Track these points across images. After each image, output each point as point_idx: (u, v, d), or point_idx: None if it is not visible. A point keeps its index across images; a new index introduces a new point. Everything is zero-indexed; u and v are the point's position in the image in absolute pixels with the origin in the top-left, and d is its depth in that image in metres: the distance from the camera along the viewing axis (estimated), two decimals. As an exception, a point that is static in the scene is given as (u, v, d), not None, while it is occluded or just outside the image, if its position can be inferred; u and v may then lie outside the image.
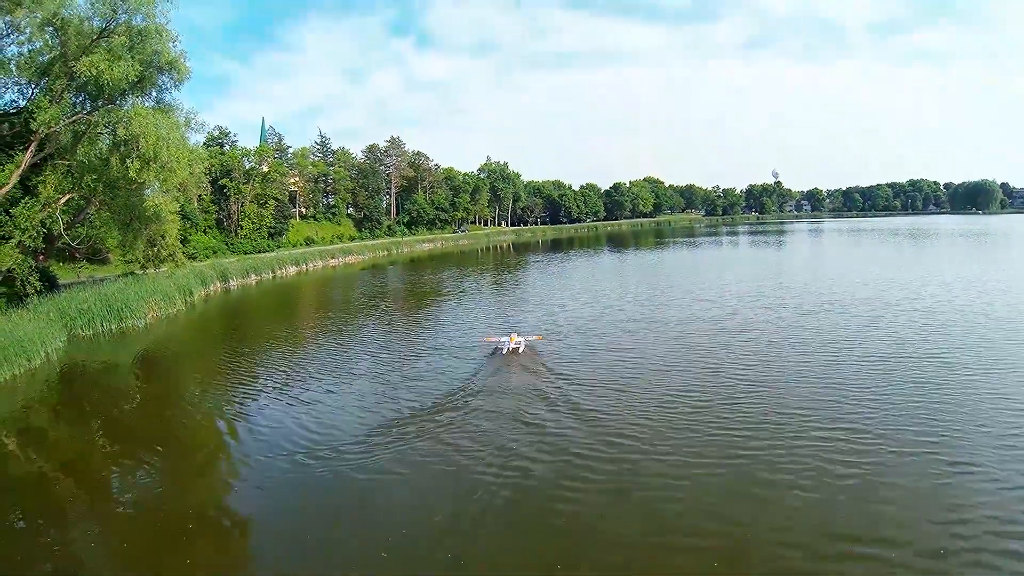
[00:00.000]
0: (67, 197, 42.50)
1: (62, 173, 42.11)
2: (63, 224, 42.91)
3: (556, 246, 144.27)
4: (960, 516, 16.25)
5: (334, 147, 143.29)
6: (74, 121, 40.84)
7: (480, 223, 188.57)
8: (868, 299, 47.39)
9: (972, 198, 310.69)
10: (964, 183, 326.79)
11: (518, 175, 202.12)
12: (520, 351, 35.76)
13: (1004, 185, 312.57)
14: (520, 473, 19.79)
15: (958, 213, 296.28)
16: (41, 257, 45.78)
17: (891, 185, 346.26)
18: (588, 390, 27.70)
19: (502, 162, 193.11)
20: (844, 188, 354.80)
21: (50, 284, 46.65)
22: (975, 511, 16.41)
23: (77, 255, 54.57)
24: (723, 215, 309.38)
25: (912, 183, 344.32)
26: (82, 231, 48.64)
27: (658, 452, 21.03)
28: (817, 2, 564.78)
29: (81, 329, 41.99)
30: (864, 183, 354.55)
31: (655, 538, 16.08)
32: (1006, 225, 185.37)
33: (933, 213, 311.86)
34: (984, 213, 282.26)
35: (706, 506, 17.43)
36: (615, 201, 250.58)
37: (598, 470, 19.74)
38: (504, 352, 35.64)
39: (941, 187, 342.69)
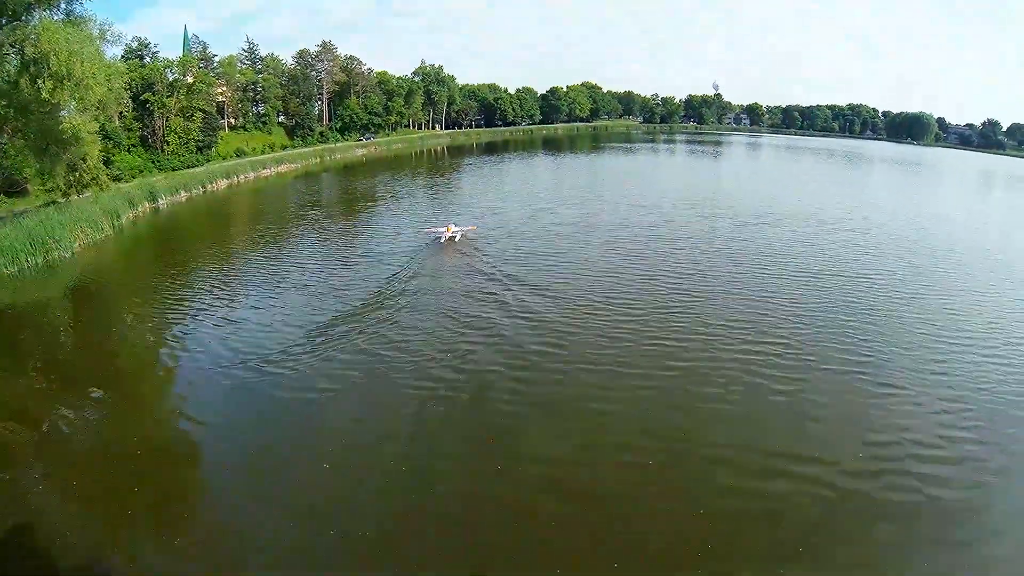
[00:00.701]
0: (-25, 126, 39.82)
1: (-32, 100, 39.33)
2: (-27, 156, 40.30)
3: (491, 149, 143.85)
4: (881, 437, 17.30)
5: (263, 54, 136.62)
6: (-24, 43, 37.77)
7: (414, 126, 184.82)
8: (803, 216, 48.71)
9: (909, 128, 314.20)
10: (902, 113, 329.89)
11: (453, 78, 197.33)
12: (456, 239, 40.29)
13: (940, 120, 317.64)
14: (451, 384, 20.50)
15: (894, 141, 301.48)
16: (-49, 191, 43.13)
17: (831, 107, 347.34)
18: (520, 296, 28.39)
19: (437, 65, 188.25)
20: (784, 105, 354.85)
21: (-35, 219, 44.16)
22: (895, 432, 17.47)
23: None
24: (661, 123, 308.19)
25: (852, 107, 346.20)
26: (-5, 161, 45.84)
27: (588, 362, 21.82)
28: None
29: (4, 267, 40.39)
30: (804, 103, 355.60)
31: (586, 453, 16.81)
32: (938, 157, 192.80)
33: (870, 138, 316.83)
34: (919, 144, 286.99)
35: (637, 419, 18.44)
36: (552, 105, 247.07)
37: (530, 381, 20.45)
38: (443, 241, 40.04)
39: (880, 114, 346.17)
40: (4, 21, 38.58)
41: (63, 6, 41.79)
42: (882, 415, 18.84)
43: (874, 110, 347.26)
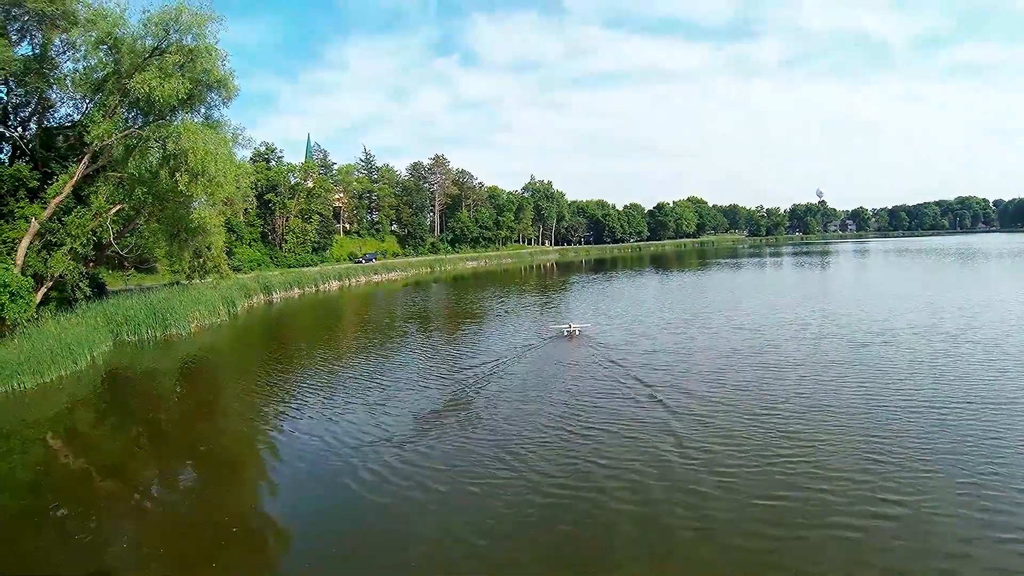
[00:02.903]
0: (117, 207, 44.15)
1: (114, 184, 43.90)
2: (113, 233, 44.46)
3: (599, 266, 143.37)
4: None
5: (378, 164, 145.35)
6: (126, 135, 42.36)
7: (524, 242, 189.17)
8: (923, 329, 43.96)
9: (1023, 215, 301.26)
10: (1014, 199, 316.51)
11: (562, 194, 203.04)
12: (577, 334, 43.20)
13: None
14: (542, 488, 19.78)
15: (1008, 231, 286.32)
16: (91, 264, 47.48)
17: (938, 203, 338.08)
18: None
19: (546, 181, 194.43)
20: (890, 207, 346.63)
21: (99, 290, 48.49)
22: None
23: (126, 263, 56.56)
24: (766, 235, 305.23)
25: (960, 200, 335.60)
26: (131, 240, 50.54)
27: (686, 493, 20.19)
28: (856, 17, 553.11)
29: (126, 335, 43.55)
30: (910, 202, 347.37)
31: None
32: None
33: (982, 231, 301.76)
34: None
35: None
36: (658, 221, 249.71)
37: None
38: (565, 334, 43.54)
39: (990, 204, 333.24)
40: (151, 119, 42.90)
41: (203, 110, 46.14)
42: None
43: (984, 200, 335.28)
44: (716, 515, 18.00)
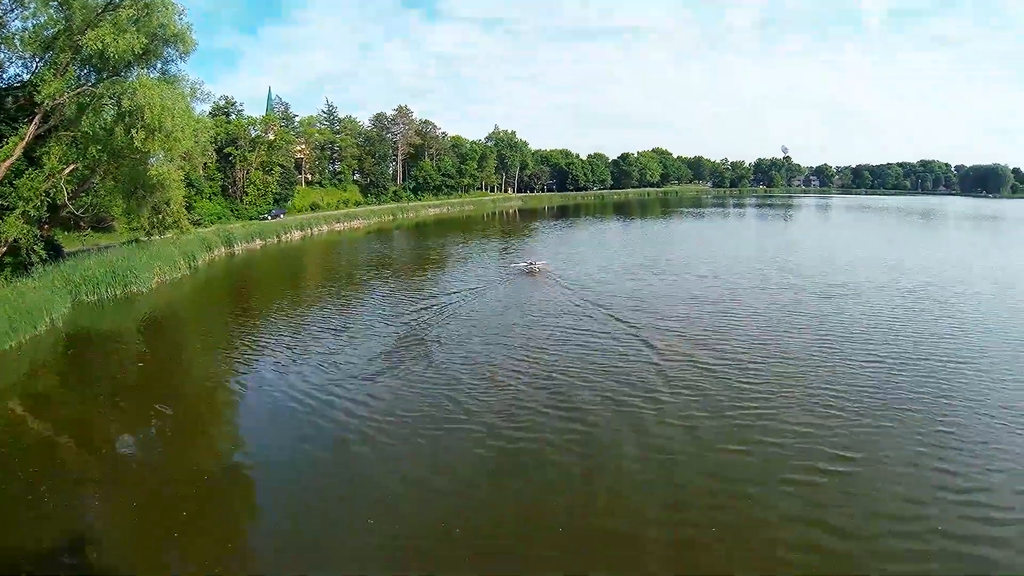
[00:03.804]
0: (72, 167, 43.37)
1: (67, 144, 42.90)
2: (68, 194, 43.82)
3: (562, 213, 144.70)
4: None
5: (341, 116, 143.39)
6: (79, 93, 41.37)
7: (488, 189, 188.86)
8: (883, 285, 45.03)
9: (983, 181, 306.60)
10: (975, 166, 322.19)
11: (525, 143, 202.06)
12: (539, 271, 46.90)
13: (1016, 170, 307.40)
14: (509, 440, 20.77)
15: (969, 195, 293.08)
16: (46, 227, 47.04)
17: (901, 164, 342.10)
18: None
19: (510, 131, 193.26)
20: (854, 165, 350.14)
21: (55, 253, 47.90)
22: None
23: (82, 224, 55.70)
24: (731, 187, 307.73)
25: (923, 163, 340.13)
26: (87, 200, 49.61)
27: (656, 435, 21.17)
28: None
29: (86, 295, 43.50)
30: (874, 162, 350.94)
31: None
32: (1018, 209, 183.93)
33: (943, 194, 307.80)
34: (994, 197, 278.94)
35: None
36: (622, 170, 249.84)
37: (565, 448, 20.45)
38: (526, 270, 47.30)
39: (952, 169, 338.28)
40: (106, 75, 41.83)
41: (160, 65, 45.03)
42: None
43: (946, 165, 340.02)
44: (670, 463, 19.31)
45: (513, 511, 17.13)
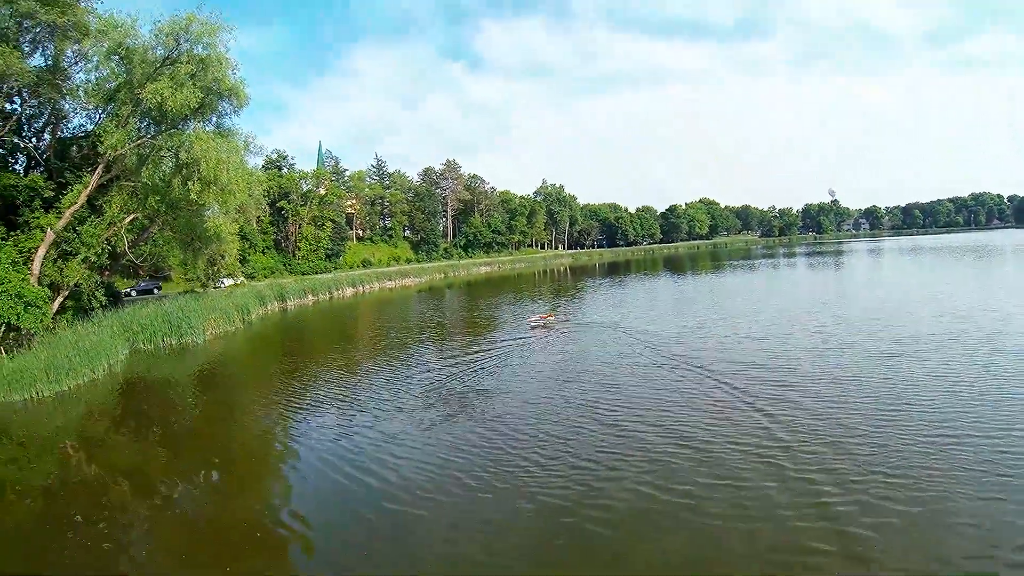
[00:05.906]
0: (132, 217, 44.45)
1: (127, 194, 44.11)
2: (127, 242, 44.85)
3: (613, 270, 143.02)
4: None
5: (390, 170, 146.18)
6: (139, 145, 42.59)
7: (537, 246, 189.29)
8: (946, 336, 40.91)
9: None
10: None
11: (574, 198, 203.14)
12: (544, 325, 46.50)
13: None
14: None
15: None
16: (106, 273, 47.86)
17: (952, 200, 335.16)
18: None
19: (558, 185, 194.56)
20: (903, 205, 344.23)
21: (114, 299, 48.76)
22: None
23: (140, 272, 56.99)
24: (780, 235, 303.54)
25: (974, 197, 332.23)
26: (145, 249, 50.61)
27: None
28: (865, 12, 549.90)
29: (142, 343, 43.84)
30: (924, 199, 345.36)
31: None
32: None
33: (997, 228, 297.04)
34: None
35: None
36: (671, 223, 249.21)
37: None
38: (532, 327, 46.85)
39: (1005, 200, 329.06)
40: (164, 128, 43.12)
41: (215, 119, 46.27)
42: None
43: (999, 196, 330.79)
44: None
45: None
